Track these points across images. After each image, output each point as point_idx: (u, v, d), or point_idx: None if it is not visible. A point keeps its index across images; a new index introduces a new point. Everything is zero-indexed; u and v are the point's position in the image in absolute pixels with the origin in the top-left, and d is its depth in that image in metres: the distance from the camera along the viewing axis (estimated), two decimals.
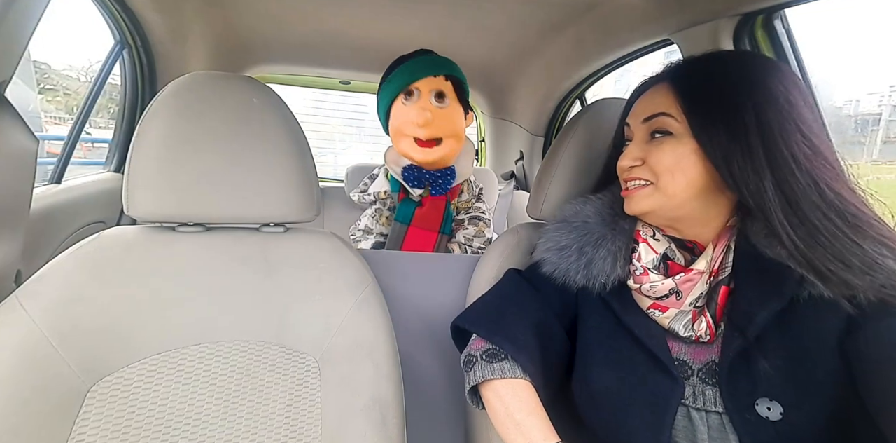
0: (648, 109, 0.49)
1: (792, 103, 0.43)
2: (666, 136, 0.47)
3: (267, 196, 0.58)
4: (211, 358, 0.54)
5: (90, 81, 1.12)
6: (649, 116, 0.48)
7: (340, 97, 2.62)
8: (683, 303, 0.47)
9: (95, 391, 0.49)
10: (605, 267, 0.52)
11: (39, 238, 0.84)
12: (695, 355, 0.47)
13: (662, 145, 0.47)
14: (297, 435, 0.53)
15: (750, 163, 0.42)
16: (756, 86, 0.43)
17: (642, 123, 0.49)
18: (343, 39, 1.27)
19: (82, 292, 0.51)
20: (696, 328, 0.47)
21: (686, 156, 0.45)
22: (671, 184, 0.46)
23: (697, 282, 0.47)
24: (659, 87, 0.49)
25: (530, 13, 1.02)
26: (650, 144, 0.48)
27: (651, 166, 0.47)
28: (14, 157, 0.54)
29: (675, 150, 0.46)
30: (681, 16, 0.81)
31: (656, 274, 0.49)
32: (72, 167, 1.04)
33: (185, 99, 0.55)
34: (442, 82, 0.84)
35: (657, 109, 0.47)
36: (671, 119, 0.46)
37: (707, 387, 0.45)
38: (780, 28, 0.73)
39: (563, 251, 0.54)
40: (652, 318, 0.50)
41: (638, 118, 0.50)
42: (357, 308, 0.59)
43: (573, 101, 1.43)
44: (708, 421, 0.44)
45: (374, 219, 0.99)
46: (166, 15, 1.05)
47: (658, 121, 0.47)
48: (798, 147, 0.41)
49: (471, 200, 1.01)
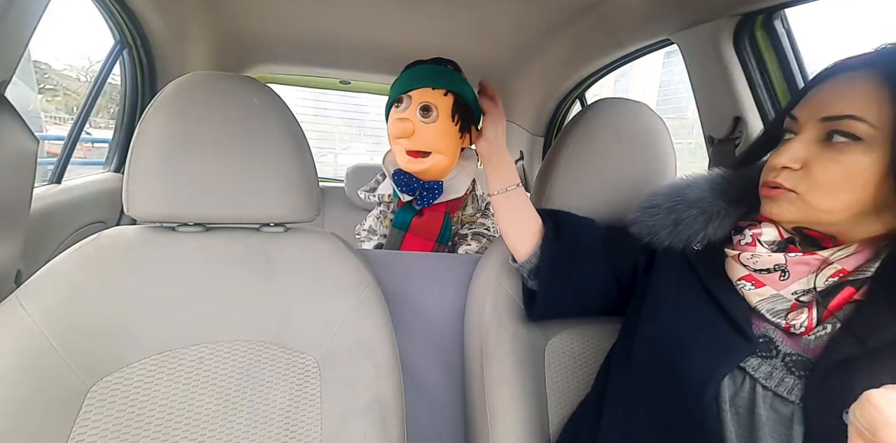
0: (833, 107, 0.38)
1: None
2: (850, 142, 0.37)
3: (267, 196, 0.58)
4: (211, 358, 0.54)
5: (90, 81, 1.12)
6: (832, 116, 0.38)
7: (340, 97, 2.63)
8: (786, 287, 0.41)
9: (95, 391, 0.49)
10: (694, 226, 0.47)
11: (39, 238, 0.84)
12: (786, 339, 0.42)
13: (841, 155, 0.38)
14: (297, 435, 0.53)
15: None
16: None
17: (820, 121, 0.39)
18: (343, 39, 1.27)
19: (82, 292, 0.51)
20: (792, 318, 0.41)
21: (868, 169, 0.37)
22: (827, 201, 0.39)
23: (813, 270, 0.40)
24: (857, 78, 0.38)
25: (530, 13, 1.02)
26: (823, 146, 0.39)
27: (813, 176, 0.39)
28: (14, 157, 0.53)
29: (858, 161, 0.37)
30: (681, 16, 0.81)
31: (765, 247, 0.43)
32: (72, 167, 1.04)
33: (185, 99, 0.55)
34: (437, 96, 0.79)
35: (847, 110, 0.37)
36: (864, 124, 0.37)
37: (790, 375, 0.40)
38: (780, 28, 0.73)
39: (651, 209, 0.52)
40: (739, 290, 0.44)
41: (814, 114, 0.40)
42: (357, 308, 0.59)
43: (573, 101, 1.43)
44: (773, 404, 0.40)
45: (378, 220, 0.98)
46: (166, 15, 1.05)
47: (843, 124, 0.38)
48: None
49: (475, 215, 0.98)
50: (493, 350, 0.65)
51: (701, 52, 0.81)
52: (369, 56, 1.39)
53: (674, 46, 0.89)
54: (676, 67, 1.00)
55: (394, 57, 1.38)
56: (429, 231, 0.91)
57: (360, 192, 1.02)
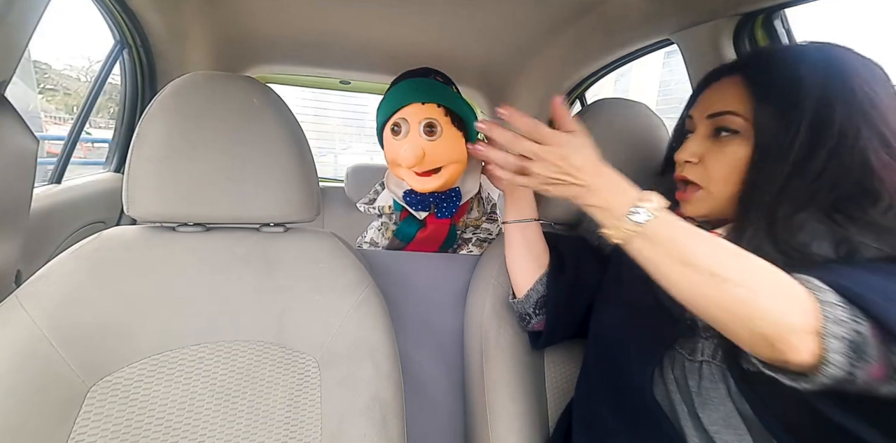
0: (715, 105, 0.45)
1: (877, 107, 0.39)
2: (732, 135, 0.43)
3: (267, 196, 0.58)
4: (211, 358, 0.54)
5: (90, 81, 1.12)
6: (715, 113, 0.45)
7: (340, 97, 2.63)
8: None
9: (95, 391, 0.49)
10: None
11: (39, 238, 0.84)
12: None
13: (725, 147, 0.44)
14: (297, 435, 0.53)
15: (780, 174, 0.39)
16: (834, 84, 0.39)
17: (706, 118, 0.46)
18: (343, 39, 1.27)
19: (82, 292, 0.51)
20: None
21: (747, 158, 0.42)
22: (725, 189, 0.44)
23: None
24: (730, 80, 0.45)
25: (530, 13, 1.02)
26: (713, 141, 0.45)
27: (707, 168, 0.45)
28: (14, 157, 0.53)
29: (738, 153, 0.43)
30: (681, 16, 0.81)
31: None
32: (72, 167, 1.04)
33: (185, 99, 0.55)
34: (433, 110, 0.76)
35: (724, 107, 0.44)
36: (739, 118, 0.43)
37: (702, 340, 0.45)
38: (780, 28, 0.73)
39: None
40: None
41: (702, 113, 0.47)
42: (357, 308, 0.59)
43: (573, 102, 1.43)
44: (701, 372, 0.44)
45: (380, 232, 0.95)
46: (166, 15, 1.05)
47: (724, 119, 0.44)
48: (875, 154, 0.38)
49: (480, 219, 0.94)
50: (493, 350, 0.65)
51: (701, 52, 0.81)
52: (369, 56, 1.39)
53: (674, 46, 0.88)
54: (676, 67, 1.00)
55: (394, 57, 1.39)
56: (433, 242, 0.88)
57: (359, 205, 0.99)
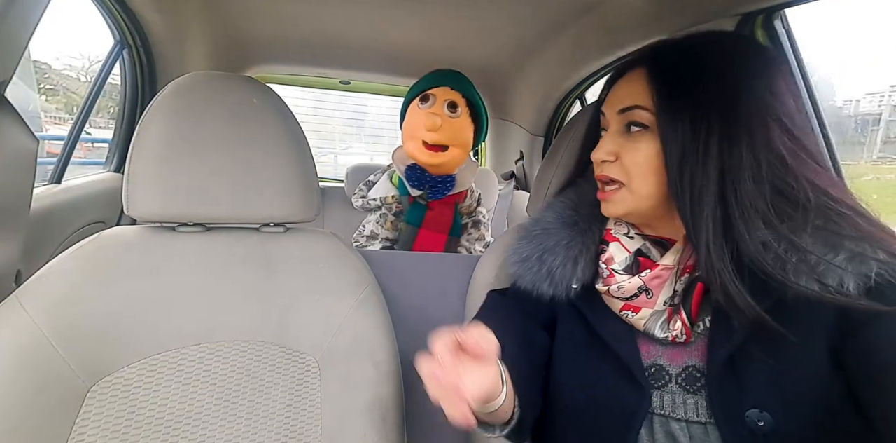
0: (623, 100, 0.44)
1: (775, 95, 0.39)
2: (643, 130, 0.43)
3: (267, 196, 0.58)
4: (211, 358, 0.54)
5: (90, 81, 1.12)
6: (623, 109, 0.44)
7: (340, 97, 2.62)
8: (656, 302, 0.44)
9: (95, 391, 0.49)
10: (566, 273, 0.49)
11: (39, 238, 0.84)
12: (672, 357, 0.44)
13: (638, 143, 0.43)
14: (297, 435, 0.53)
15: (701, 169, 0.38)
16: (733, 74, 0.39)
17: (617, 114, 0.45)
18: (343, 39, 1.27)
19: (82, 292, 0.51)
20: (672, 328, 0.43)
21: (658, 152, 0.41)
22: (644, 185, 0.43)
23: (667, 279, 0.43)
24: (635, 74, 0.44)
25: (530, 13, 1.02)
26: (626, 137, 0.44)
27: (624, 165, 0.44)
28: (14, 157, 0.54)
29: (650, 147, 0.42)
30: (681, 16, 0.81)
31: (623, 274, 0.46)
32: (72, 167, 1.04)
33: (185, 99, 0.55)
34: (457, 96, 0.89)
35: (631, 101, 0.43)
36: (646, 112, 0.42)
37: (688, 395, 0.42)
38: (780, 28, 0.73)
39: (525, 262, 0.52)
40: (626, 320, 0.46)
41: (613, 108, 0.46)
42: (357, 308, 0.59)
43: (573, 101, 1.43)
44: (690, 432, 0.41)
45: (378, 224, 0.99)
46: (166, 15, 1.05)
47: (632, 114, 0.43)
48: (782, 143, 0.38)
49: (472, 205, 1.06)
50: None
51: None
52: (369, 56, 1.39)
53: None
54: None
55: (394, 57, 1.39)
56: (441, 224, 0.95)
57: (354, 200, 1.04)
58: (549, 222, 0.53)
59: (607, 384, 0.46)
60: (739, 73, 0.40)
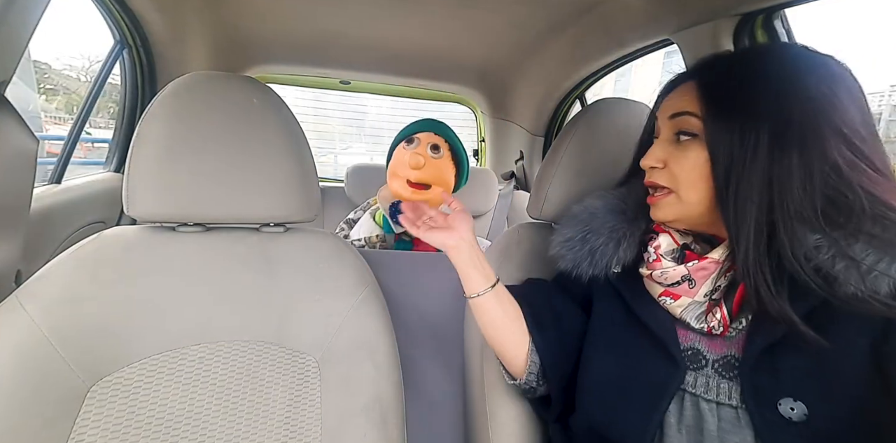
0: (676, 106, 0.46)
1: (836, 106, 0.39)
2: (692, 138, 0.44)
3: (267, 196, 0.58)
4: (211, 358, 0.54)
5: (90, 81, 1.12)
6: (674, 114, 0.46)
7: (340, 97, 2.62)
8: (697, 292, 0.45)
9: (95, 391, 0.49)
10: (607, 252, 0.51)
11: (39, 238, 0.84)
12: (711, 346, 0.46)
13: (686, 151, 0.44)
14: (297, 435, 0.53)
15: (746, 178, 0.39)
16: (788, 85, 0.40)
17: (669, 119, 0.47)
18: (343, 39, 1.27)
19: (82, 292, 0.51)
20: (709, 320, 0.45)
21: (707, 162, 0.42)
22: (692, 193, 0.44)
23: (712, 272, 0.45)
24: (687, 85, 0.46)
25: (530, 13, 1.02)
26: (676, 146, 0.46)
27: (672, 172, 0.45)
28: (14, 157, 0.54)
29: (699, 155, 0.43)
30: (681, 16, 0.81)
31: (669, 261, 0.47)
32: (72, 167, 1.04)
33: (185, 99, 0.55)
34: (441, 141, 0.97)
35: (684, 108, 0.45)
36: (695, 119, 0.43)
37: (723, 380, 0.44)
38: (780, 28, 0.73)
39: (568, 242, 0.54)
40: (663, 306, 0.48)
41: (664, 114, 0.48)
42: (357, 308, 0.59)
43: (573, 101, 1.43)
44: (720, 414, 0.43)
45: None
46: (166, 15, 1.05)
47: (682, 120, 0.45)
48: (839, 153, 0.38)
49: None
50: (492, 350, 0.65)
51: (701, 52, 0.81)
52: (369, 56, 1.39)
53: (674, 46, 0.88)
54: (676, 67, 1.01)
55: (394, 57, 1.39)
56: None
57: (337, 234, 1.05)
58: (597, 208, 0.54)
59: (641, 358, 0.47)
60: (793, 84, 0.40)
